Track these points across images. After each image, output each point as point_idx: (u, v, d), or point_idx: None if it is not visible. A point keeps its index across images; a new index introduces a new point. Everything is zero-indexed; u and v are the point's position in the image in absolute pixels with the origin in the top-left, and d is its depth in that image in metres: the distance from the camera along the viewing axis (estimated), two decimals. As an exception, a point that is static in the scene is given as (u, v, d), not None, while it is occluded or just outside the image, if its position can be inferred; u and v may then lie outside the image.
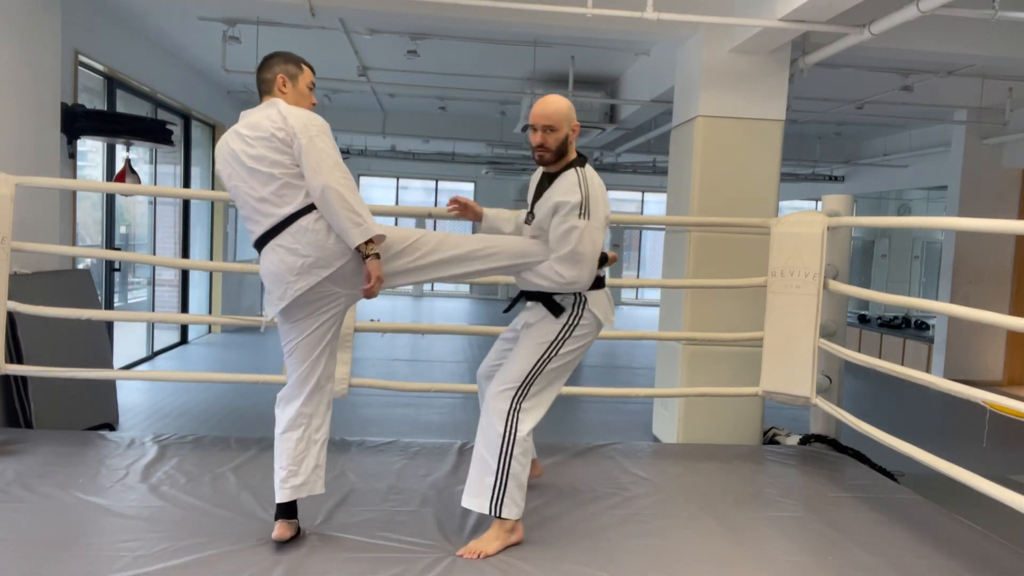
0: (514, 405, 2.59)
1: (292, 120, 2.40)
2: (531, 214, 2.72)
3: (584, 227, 2.53)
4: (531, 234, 2.71)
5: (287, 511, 2.57)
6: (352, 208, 2.34)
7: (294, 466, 2.53)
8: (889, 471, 3.82)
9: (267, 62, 2.58)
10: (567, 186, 2.58)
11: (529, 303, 2.78)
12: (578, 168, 2.63)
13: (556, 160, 2.65)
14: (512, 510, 2.55)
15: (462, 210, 2.90)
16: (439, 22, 5.13)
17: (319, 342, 2.54)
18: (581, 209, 2.54)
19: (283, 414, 2.59)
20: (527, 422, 2.60)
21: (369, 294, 2.42)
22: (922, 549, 2.77)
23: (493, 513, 2.54)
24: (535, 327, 2.67)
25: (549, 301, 2.65)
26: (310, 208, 2.40)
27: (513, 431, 2.56)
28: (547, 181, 2.70)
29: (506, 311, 3.02)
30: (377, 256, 2.40)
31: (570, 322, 2.65)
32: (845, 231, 4.06)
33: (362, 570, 2.40)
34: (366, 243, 2.37)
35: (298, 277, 2.41)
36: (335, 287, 2.47)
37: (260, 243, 2.49)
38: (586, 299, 2.66)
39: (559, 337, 2.64)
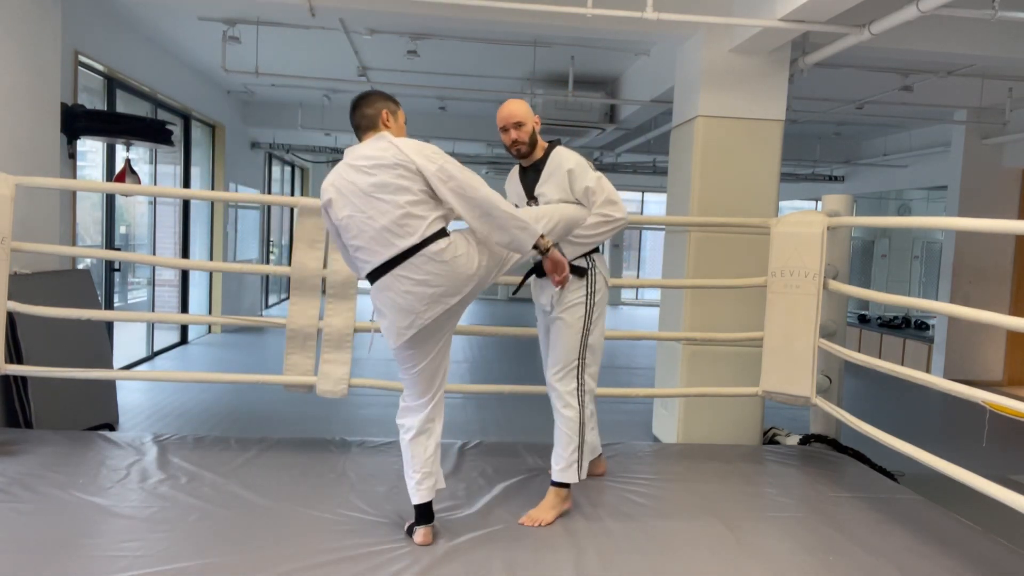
0: (579, 384, 2.94)
1: (408, 151, 2.43)
2: (534, 199, 3.01)
3: (601, 175, 2.94)
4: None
5: (427, 514, 2.64)
6: (513, 215, 2.46)
7: (427, 468, 2.63)
8: (889, 471, 3.81)
9: (367, 99, 2.62)
10: (565, 156, 2.96)
11: (542, 278, 3.01)
12: (558, 146, 3.01)
13: (532, 150, 2.99)
14: (584, 473, 2.97)
15: None
16: (439, 22, 5.12)
17: (442, 359, 2.66)
18: (589, 166, 2.94)
19: (409, 422, 2.67)
20: (590, 396, 2.99)
21: (563, 283, 2.70)
22: (922, 549, 2.77)
23: (580, 478, 2.94)
24: (564, 311, 2.94)
25: (570, 266, 2.85)
26: (433, 238, 2.43)
27: (583, 407, 2.95)
28: (532, 171, 3.02)
29: (514, 293, 3.26)
30: (556, 244, 2.62)
31: (591, 290, 2.95)
32: (845, 231, 4.06)
33: (363, 569, 2.41)
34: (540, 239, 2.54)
35: (427, 307, 2.47)
36: (460, 308, 2.57)
37: (377, 273, 2.49)
38: (595, 260, 2.99)
39: (588, 308, 2.94)
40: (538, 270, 3.01)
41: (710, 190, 4.65)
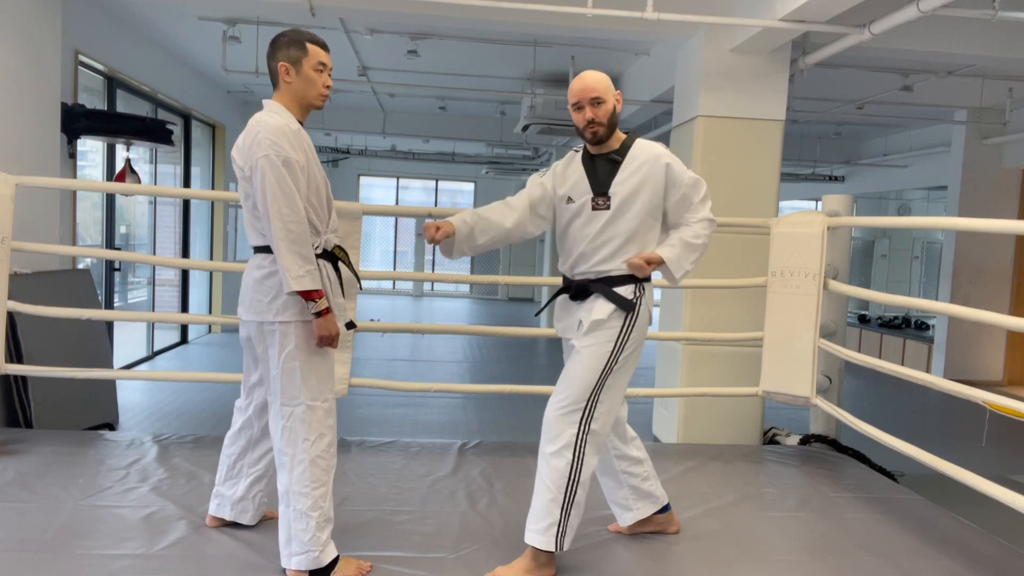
0: (582, 429, 2.35)
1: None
2: (604, 196, 2.45)
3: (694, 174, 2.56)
4: (610, 216, 2.45)
5: None
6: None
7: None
8: (889, 471, 3.82)
9: None
10: (660, 150, 2.50)
11: (575, 301, 2.51)
12: (640, 138, 2.54)
13: (609, 135, 2.48)
14: (568, 541, 2.38)
15: (441, 236, 2.48)
16: (439, 22, 5.13)
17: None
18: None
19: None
20: (594, 449, 2.39)
21: None
22: (922, 549, 2.77)
23: (557, 549, 2.35)
24: (592, 332, 2.42)
25: (613, 294, 2.42)
26: None
27: (581, 459, 2.35)
28: (606, 161, 2.49)
29: (537, 314, 2.90)
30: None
31: (631, 317, 2.42)
32: (845, 231, 4.06)
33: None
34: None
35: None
36: None
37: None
38: (645, 290, 2.48)
39: (621, 336, 2.40)
40: (580, 290, 2.51)
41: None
